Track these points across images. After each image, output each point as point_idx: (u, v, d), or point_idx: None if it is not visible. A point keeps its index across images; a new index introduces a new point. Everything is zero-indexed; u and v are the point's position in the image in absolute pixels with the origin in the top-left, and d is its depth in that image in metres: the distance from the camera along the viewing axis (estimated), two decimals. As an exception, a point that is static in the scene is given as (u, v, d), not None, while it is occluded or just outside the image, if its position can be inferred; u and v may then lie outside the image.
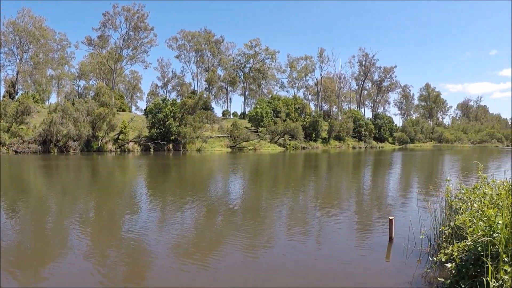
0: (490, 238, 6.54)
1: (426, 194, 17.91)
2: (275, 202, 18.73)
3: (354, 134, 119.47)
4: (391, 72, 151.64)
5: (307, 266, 9.30)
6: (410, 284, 8.22)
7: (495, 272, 6.17)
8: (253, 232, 12.56)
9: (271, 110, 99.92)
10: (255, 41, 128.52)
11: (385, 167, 44.16)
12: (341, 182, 28.59)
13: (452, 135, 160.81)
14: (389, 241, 11.24)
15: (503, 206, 6.90)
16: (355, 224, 14.23)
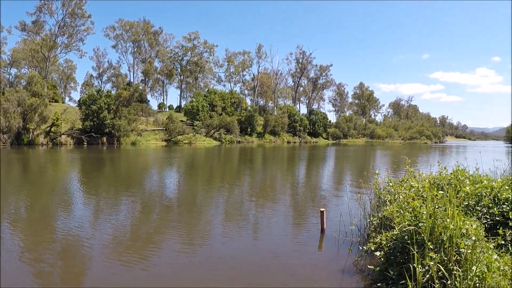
0: (415, 228, 6.94)
1: (357, 187, 18.38)
2: (211, 196, 18.78)
3: (289, 129, 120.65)
4: (327, 70, 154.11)
5: (243, 259, 9.48)
6: (342, 272, 8.54)
7: (421, 258, 6.53)
8: (189, 227, 12.59)
9: (207, 104, 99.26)
10: (194, 34, 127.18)
11: (319, 161, 44.93)
12: (276, 176, 28.93)
13: (384, 131, 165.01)
14: (321, 232, 11.57)
15: (427, 197, 7.31)
16: (290, 217, 14.53)
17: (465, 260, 6.40)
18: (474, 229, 6.80)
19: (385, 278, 7.17)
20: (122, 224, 12.87)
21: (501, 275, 6.46)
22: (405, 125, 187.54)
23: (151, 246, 10.48)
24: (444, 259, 6.51)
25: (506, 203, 8.73)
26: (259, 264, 9.16)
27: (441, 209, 7.17)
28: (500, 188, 9.23)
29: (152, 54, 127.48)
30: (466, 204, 8.88)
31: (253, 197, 18.84)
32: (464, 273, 6.26)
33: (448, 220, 6.79)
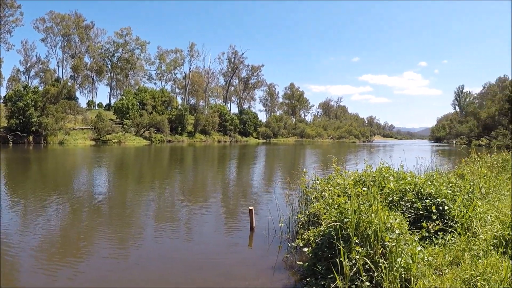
0: (340, 224, 7.15)
1: (286, 185, 18.68)
2: (142, 197, 18.47)
3: (220, 129, 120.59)
4: (258, 70, 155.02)
5: (174, 259, 9.43)
6: (272, 269, 8.67)
7: (347, 253, 6.73)
8: (120, 229, 12.34)
9: (138, 102, 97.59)
10: (126, 30, 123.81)
11: (249, 160, 45.21)
12: (207, 176, 28.87)
13: (313, 131, 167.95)
14: (251, 230, 11.70)
15: (351, 194, 7.57)
16: (221, 216, 14.58)
17: (390, 253, 6.63)
18: (398, 223, 7.10)
19: (314, 273, 7.31)
20: (49, 229, 12.27)
21: (426, 265, 6.77)
22: (334, 125, 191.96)
23: (81, 250, 10.15)
24: (370, 253, 6.71)
25: (429, 198, 9.17)
26: (190, 263, 9.13)
27: (365, 205, 7.44)
28: (423, 184, 9.67)
29: (83, 49, 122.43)
30: (391, 200, 9.24)
31: (184, 197, 18.72)
32: (389, 265, 6.49)
33: (372, 215, 7.05)
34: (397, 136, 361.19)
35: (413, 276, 6.51)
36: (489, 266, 6.27)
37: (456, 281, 6.32)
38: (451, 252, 7.40)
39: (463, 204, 9.03)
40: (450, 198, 9.23)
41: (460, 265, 6.88)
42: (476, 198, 9.69)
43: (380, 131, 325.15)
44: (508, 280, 5.80)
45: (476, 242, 7.56)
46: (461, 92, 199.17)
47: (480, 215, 8.73)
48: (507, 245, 7.11)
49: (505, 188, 11.52)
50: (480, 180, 12.15)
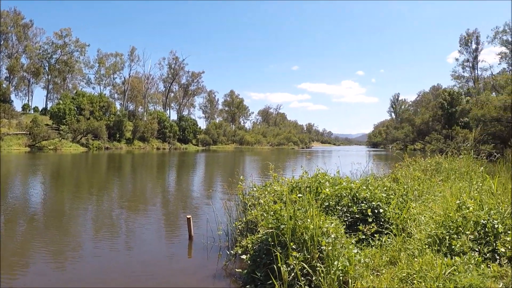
0: (277, 231, 7.21)
1: (224, 193, 18.68)
2: (80, 207, 17.86)
3: (159, 135, 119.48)
4: (198, 77, 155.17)
5: (114, 271, 9.24)
6: (213, 277, 8.62)
7: (285, 258, 6.79)
8: (57, 242, 11.84)
9: (75, 107, 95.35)
10: (66, 31, 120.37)
11: (188, 168, 44.80)
12: (146, 184, 28.49)
13: (253, 138, 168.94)
14: (189, 239, 11.61)
15: (286, 200, 7.65)
16: (160, 225, 14.40)
17: (327, 257, 6.74)
18: (333, 227, 7.23)
19: (254, 279, 7.32)
20: None
21: (363, 267, 6.94)
22: (273, 132, 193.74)
23: (15, 265, 9.71)
24: (307, 257, 6.80)
25: (364, 201, 9.40)
26: (130, 274, 8.98)
27: (301, 211, 7.52)
28: (359, 188, 9.90)
29: (20, 49, 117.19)
30: (327, 205, 9.43)
31: (123, 206, 18.32)
32: (327, 268, 6.59)
33: (308, 221, 7.14)
34: (335, 142, 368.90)
35: (351, 278, 6.65)
36: (425, 264, 6.47)
37: (393, 280, 6.47)
38: (388, 253, 7.60)
39: (398, 207, 9.32)
40: (385, 201, 9.51)
41: (396, 264, 7.08)
42: (410, 200, 9.99)
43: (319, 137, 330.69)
44: (443, 276, 5.96)
45: (411, 242, 7.78)
46: (396, 100, 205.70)
47: (414, 216, 8.99)
48: (441, 243, 7.34)
49: (438, 189, 11.89)
50: (413, 183, 12.49)
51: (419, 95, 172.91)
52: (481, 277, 5.88)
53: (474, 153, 16.45)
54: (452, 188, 10.21)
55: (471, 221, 7.57)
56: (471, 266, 6.25)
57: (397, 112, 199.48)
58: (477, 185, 10.37)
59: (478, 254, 6.90)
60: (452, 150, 18.14)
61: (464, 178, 12.97)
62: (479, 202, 8.44)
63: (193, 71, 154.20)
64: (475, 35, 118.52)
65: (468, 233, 7.31)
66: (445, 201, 9.00)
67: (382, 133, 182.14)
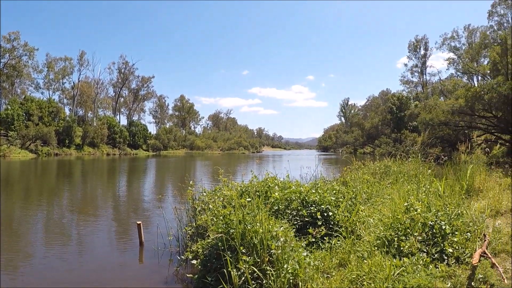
0: (226, 236, 7.18)
1: (175, 198, 18.55)
2: (29, 215, 17.31)
3: (109, 141, 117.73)
4: (149, 81, 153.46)
5: (66, 279, 9.05)
6: (165, 283, 8.59)
7: (235, 263, 6.78)
8: (8, 249, 11.51)
9: (23, 112, 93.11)
10: (14, 34, 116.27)
11: (139, 174, 44.33)
12: (96, 191, 27.99)
13: (203, 143, 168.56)
14: (140, 245, 11.49)
15: (235, 205, 7.64)
16: (111, 232, 14.21)
17: (277, 260, 6.76)
18: (282, 231, 7.27)
19: (205, 284, 7.27)
20: None
21: (313, 269, 6.97)
22: (224, 137, 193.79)
23: None
24: (257, 261, 6.81)
25: (314, 205, 9.46)
26: (82, 282, 8.84)
27: (250, 215, 7.51)
28: (308, 192, 9.95)
29: None
30: (276, 209, 9.48)
31: (74, 213, 17.95)
32: (277, 271, 6.62)
33: (258, 225, 7.14)
34: (286, 147, 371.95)
35: (301, 281, 6.70)
36: (374, 265, 6.56)
37: (343, 282, 6.56)
38: (338, 255, 7.70)
39: (347, 209, 9.45)
40: (334, 204, 9.63)
41: (346, 266, 7.17)
42: (359, 203, 10.10)
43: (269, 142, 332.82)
44: (392, 277, 6.03)
45: (360, 244, 7.90)
46: (346, 104, 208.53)
47: (363, 219, 9.10)
48: (390, 244, 7.45)
49: (386, 192, 12.08)
50: (363, 186, 12.65)
51: (369, 100, 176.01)
52: (429, 277, 6.00)
53: (422, 156, 16.78)
54: (401, 191, 10.37)
55: (419, 222, 7.73)
56: (420, 267, 6.38)
57: (346, 116, 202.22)
58: (424, 188, 10.60)
59: (426, 255, 7.05)
60: (401, 154, 18.43)
61: (413, 181, 13.20)
62: (427, 204, 8.61)
63: (143, 76, 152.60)
64: (423, 41, 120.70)
65: (416, 234, 7.45)
66: (394, 203, 9.14)
67: (332, 137, 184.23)
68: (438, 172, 14.48)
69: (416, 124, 70.98)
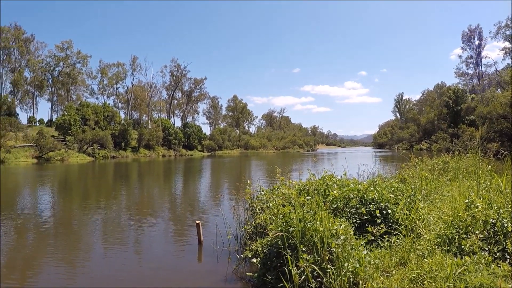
0: (286, 234, 7.22)
1: (232, 197, 18.69)
2: (88, 214, 18.00)
3: (164, 143, 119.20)
4: (201, 83, 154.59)
5: (125, 277, 9.28)
6: (224, 281, 8.67)
7: (295, 261, 6.81)
8: (68, 250, 11.94)
9: (80, 117, 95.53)
10: (67, 43, 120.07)
11: (195, 174, 44.87)
12: (154, 191, 28.54)
13: (258, 142, 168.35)
14: (199, 244, 11.64)
15: (295, 203, 7.65)
16: (169, 231, 14.49)
17: (337, 258, 6.76)
18: (343, 229, 7.24)
19: (264, 282, 7.35)
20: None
21: (373, 268, 6.94)
22: (278, 136, 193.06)
23: (28, 271, 9.87)
24: (317, 259, 6.82)
25: (372, 202, 9.38)
26: (141, 280, 9.04)
27: (310, 213, 7.53)
28: (366, 189, 9.89)
29: (23, 63, 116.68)
30: (335, 207, 9.42)
31: (131, 212, 18.40)
32: (337, 270, 6.63)
33: (317, 223, 7.15)
34: (340, 144, 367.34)
35: (361, 279, 6.67)
36: (434, 264, 6.47)
37: (403, 281, 6.49)
38: (397, 254, 7.62)
39: (406, 207, 9.28)
40: (393, 202, 9.50)
41: (406, 265, 7.08)
42: (418, 201, 9.91)
43: (324, 139, 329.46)
44: (453, 276, 5.96)
45: (420, 243, 7.78)
46: (400, 99, 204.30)
47: (423, 217, 8.96)
48: (451, 243, 7.31)
49: (445, 189, 11.84)
50: (421, 183, 12.45)
51: (423, 94, 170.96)
52: (491, 277, 5.89)
53: (481, 151, 16.38)
54: (460, 188, 10.17)
55: (480, 220, 7.56)
56: (481, 266, 6.25)
57: (401, 111, 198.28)
58: (485, 184, 10.30)
59: (488, 253, 6.88)
60: (459, 149, 18.05)
61: (472, 177, 12.91)
62: (488, 201, 8.38)
63: (196, 78, 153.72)
64: (477, 31, 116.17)
65: (478, 232, 7.30)
66: (454, 200, 8.98)
67: (387, 134, 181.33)
68: (498, 168, 14.06)
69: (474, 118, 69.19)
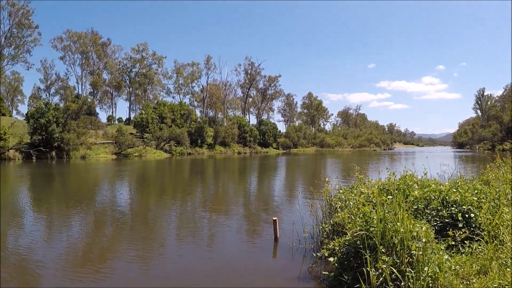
0: (366, 232, 7.12)
1: (309, 195, 18.59)
2: (164, 209, 18.56)
3: (239, 140, 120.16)
4: (275, 81, 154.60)
5: (198, 270, 9.43)
6: (298, 279, 8.63)
7: (374, 262, 6.70)
8: (143, 241, 12.42)
9: (157, 116, 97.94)
10: (142, 46, 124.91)
11: (270, 171, 45.09)
12: (229, 187, 28.90)
13: (333, 140, 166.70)
14: (275, 241, 11.67)
15: (377, 202, 7.52)
16: (243, 227, 14.56)
17: (417, 262, 6.59)
18: (424, 231, 7.01)
19: (340, 283, 7.28)
20: (74, 240, 12.54)
21: (453, 275, 6.71)
22: (354, 133, 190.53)
23: (104, 261, 10.29)
24: (396, 262, 6.68)
25: (454, 205, 9.05)
26: (214, 274, 9.15)
27: (391, 213, 7.39)
28: (448, 191, 9.56)
29: (101, 66, 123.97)
30: (416, 208, 9.17)
31: (206, 208, 18.72)
32: (416, 274, 6.46)
33: (398, 224, 7.00)
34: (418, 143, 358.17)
35: (440, 286, 6.46)
36: (518, 274, 6.19)
37: (484, 291, 6.25)
38: (479, 261, 7.32)
39: (490, 211, 8.86)
40: (476, 205, 9.08)
41: (487, 274, 6.80)
42: (503, 205, 9.44)
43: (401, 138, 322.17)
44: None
45: (503, 250, 7.47)
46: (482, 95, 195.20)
47: (507, 222, 8.55)
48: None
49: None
50: (506, 186, 11.96)
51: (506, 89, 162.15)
52: None
53: None
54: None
55: None
56: None
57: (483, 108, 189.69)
58: None
59: None
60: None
61: None
62: None
63: (270, 75, 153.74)
64: None
65: None
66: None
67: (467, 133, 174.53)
68: None
69: None
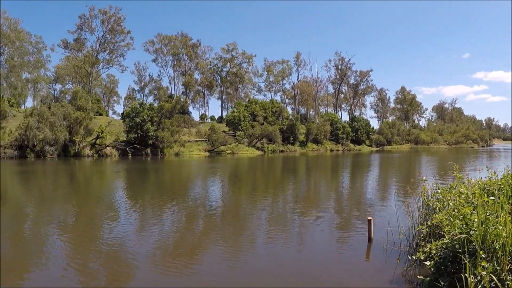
0: (467, 236, 6.71)
1: (404, 194, 18.09)
2: (255, 206, 18.73)
3: (332, 137, 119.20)
4: (367, 75, 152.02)
5: (288, 268, 9.40)
6: (390, 283, 8.40)
7: (472, 268, 6.34)
8: (233, 236, 12.60)
9: (249, 114, 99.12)
10: (231, 45, 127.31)
11: (363, 169, 44.40)
12: (320, 185, 28.75)
13: (428, 136, 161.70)
14: (368, 241, 11.43)
15: (478, 204, 7.08)
16: (335, 226, 14.37)
17: (519, 270, 6.15)
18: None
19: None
20: (166, 233, 13.07)
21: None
22: (450, 129, 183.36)
23: (195, 254, 10.58)
24: (496, 269, 6.29)
25: None
26: (305, 273, 9.08)
27: (492, 216, 6.93)
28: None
29: (192, 67, 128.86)
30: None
31: (297, 205, 18.71)
32: (518, 283, 6.02)
33: (500, 228, 6.55)
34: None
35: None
36: None
37: None
38: None
39: None
40: None
41: None
42: None
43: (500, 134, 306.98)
44: None
45: None
46: None
47: None
48: None
49: None
50: None
51: None
52: None
53: None
54: None
55: None
56: None
57: None
58: None
59: None
60: None
61: None
62: None
63: (361, 70, 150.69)
64: None
65: None
66: None
67: None
68: None
69: None
